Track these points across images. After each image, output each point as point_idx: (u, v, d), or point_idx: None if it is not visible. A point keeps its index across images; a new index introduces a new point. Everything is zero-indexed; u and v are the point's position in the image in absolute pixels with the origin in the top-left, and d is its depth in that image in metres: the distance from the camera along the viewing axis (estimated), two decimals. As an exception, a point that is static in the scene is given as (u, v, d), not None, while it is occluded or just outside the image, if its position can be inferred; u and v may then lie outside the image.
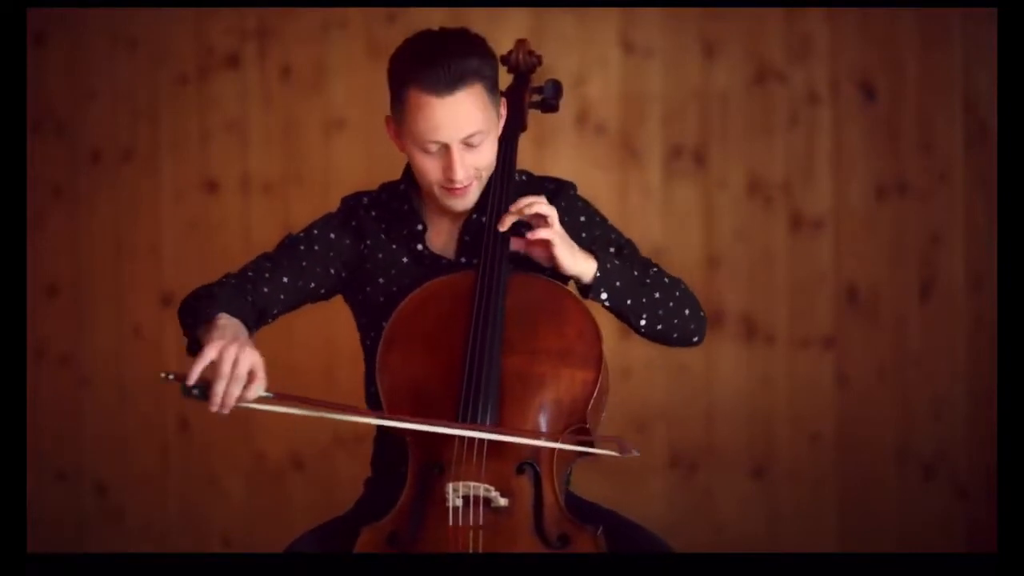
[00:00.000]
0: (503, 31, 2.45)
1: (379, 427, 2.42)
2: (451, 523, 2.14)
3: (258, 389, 2.08)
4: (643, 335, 2.37)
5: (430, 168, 2.30)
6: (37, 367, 4.06)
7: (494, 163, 2.35)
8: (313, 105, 3.93)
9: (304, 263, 2.37)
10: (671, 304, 2.35)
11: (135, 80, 4.03)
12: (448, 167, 2.28)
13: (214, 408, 2.07)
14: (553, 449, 2.19)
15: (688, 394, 3.79)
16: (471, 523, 2.14)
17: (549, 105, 2.57)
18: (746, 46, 3.75)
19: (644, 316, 2.33)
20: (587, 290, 2.30)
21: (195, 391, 2.07)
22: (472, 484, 2.14)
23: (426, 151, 2.29)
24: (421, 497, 2.18)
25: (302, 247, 2.38)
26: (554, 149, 3.79)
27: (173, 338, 4.02)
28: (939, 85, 3.66)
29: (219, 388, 2.06)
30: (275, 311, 2.34)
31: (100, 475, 4.08)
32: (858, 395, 3.72)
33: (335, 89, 3.92)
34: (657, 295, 2.34)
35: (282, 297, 2.34)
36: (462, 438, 2.17)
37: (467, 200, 2.34)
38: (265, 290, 2.32)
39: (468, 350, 2.21)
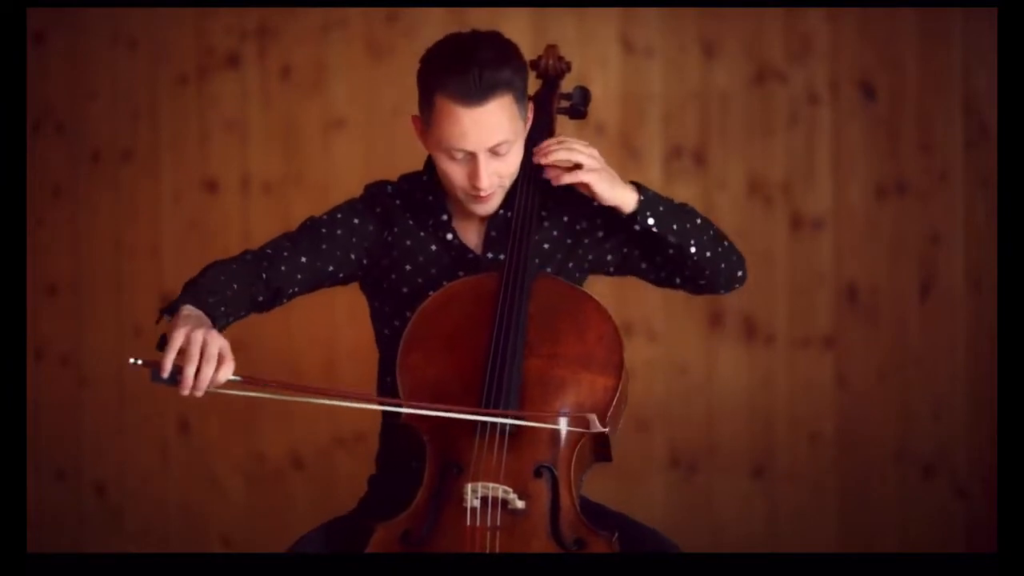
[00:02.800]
0: (503, 31, 2.45)
1: (387, 423, 2.42)
2: (468, 523, 2.14)
3: (227, 372, 2.08)
4: (692, 271, 2.38)
5: (456, 174, 2.30)
6: (37, 367, 4.06)
7: (518, 169, 2.36)
8: (313, 105, 3.93)
9: (324, 245, 2.36)
10: (712, 232, 2.39)
11: (135, 80, 4.03)
12: (474, 175, 2.28)
13: (185, 391, 2.07)
14: (571, 453, 2.19)
15: (688, 394, 3.79)
16: (488, 524, 2.14)
17: (577, 111, 2.57)
18: (746, 46, 3.75)
19: (694, 241, 2.35)
20: (632, 219, 2.31)
21: (164, 376, 2.07)
22: (491, 485, 2.14)
23: (452, 158, 2.29)
24: (437, 496, 2.18)
25: (324, 229, 2.37)
26: (554, 149, 3.78)
27: (173, 338, 4.03)
28: (939, 85, 3.66)
29: (189, 371, 2.05)
30: (291, 290, 2.33)
31: (100, 475, 4.09)
32: (858, 395, 3.72)
33: (335, 89, 3.92)
34: (699, 221, 2.37)
35: (299, 276, 2.33)
36: (482, 439, 2.17)
37: (490, 206, 2.34)
38: (283, 268, 2.31)
39: (490, 353, 2.22)
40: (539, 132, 2.44)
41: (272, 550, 2.41)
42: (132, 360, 2.08)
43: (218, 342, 2.07)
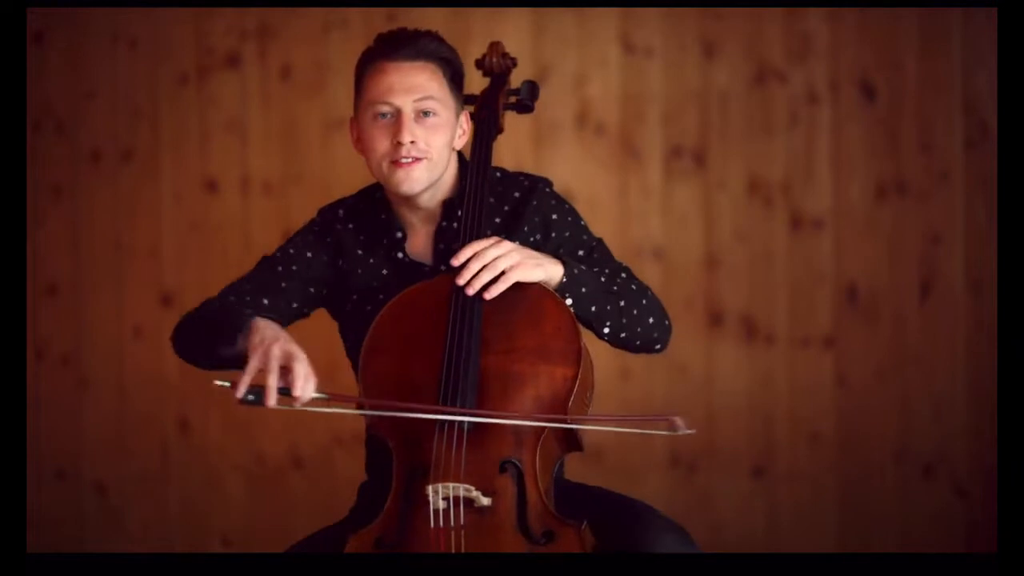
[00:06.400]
0: (503, 31, 2.46)
1: (368, 431, 2.42)
2: (432, 525, 2.14)
3: (310, 384, 2.12)
4: (606, 341, 2.37)
5: (379, 140, 2.33)
6: (37, 367, 4.06)
7: (446, 154, 2.36)
8: (313, 105, 3.93)
9: (284, 284, 2.40)
10: (635, 312, 2.35)
11: (135, 80, 4.03)
12: (398, 131, 2.31)
13: (270, 404, 2.11)
14: (535, 444, 2.19)
15: (688, 394, 3.78)
16: (452, 524, 2.14)
17: (524, 106, 2.58)
18: (746, 46, 3.75)
19: (608, 323, 2.33)
20: None
21: (250, 397, 2.11)
22: (451, 485, 2.14)
23: (378, 118, 2.32)
24: (406, 500, 2.18)
25: (279, 268, 2.41)
26: (554, 149, 3.79)
27: (173, 338, 4.03)
28: (939, 85, 3.66)
29: (272, 382, 2.10)
30: None
31: (100, 475, 4.08)
32: (858, 395, 3.72)
33: (335, 89, 3.92)
34: (622, 303, 2.34)
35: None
36: (440, 439, 2.17)
37: (412, 178, 2.34)
38: (248, 312, 2.33)
39: (445, 351, 2.22)
40: (486, 130, 2.44)
41: (272, 550, 2.41)
42: (217, 382, 2.12)
43: (294, 356, 2.12)
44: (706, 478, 3.79)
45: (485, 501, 2.14)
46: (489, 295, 2.25)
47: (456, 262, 2.26)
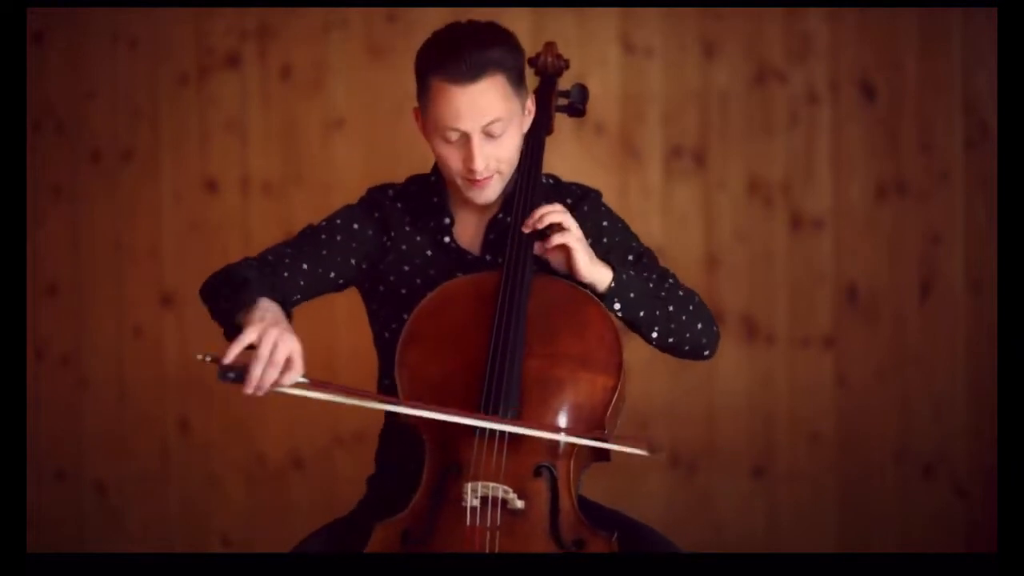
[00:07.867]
0: (503, 31, 2.48)
1: (388, 422, 2.42)
2: (468, 523, 2.14)
3: (294, 376, 2.09)
4: (654, 346, 2.37)
5: (451, 158, 2.30)
6: (37, 367, 4.06)
7: (516, 158, 2.35)
8: (313, 105, 3.93)
9: (324, 252, 2.37)
10: (684, 318, 2.36)
11: (135, 80, 4.03)
12: (468, 157, 2.29)
13: (248, 391, 2.08)
14: (571, 453, 2.19)
15: (688, 394, 3.79)
16: (488, 524, 2.14)
17: (575, 109, 2.58)
18: (746, 46, 3.75)
19: (656, 328, 2.34)
20: (600, 300, 2.30)
21: (231, 374, 2.08)
22: (491, 485, 2.14)
23: (447, 140, 2.29)
24: (437, 496, 2.18)
25: (323, 236, 2.38)
26: (554, 149, 3.76)
27: (173, 338, 4.04)
28: (939, 85, 3.66)
29: (256, 371, 2.07)
30: (294, 298, 2.34)
31: (100, 475, 4.08)
32: (858, 395, 3.72)
33: (335, 89, 3.92)
34: (671, 308, 2.34)
35: (301, 283, 2.35)
36: (481, 439, 2.16)
37: (487, 193, 2.33)
38: (285, 275, 2.33)
39: (490, 350, 2.21)
40: (538, 130, 2.44)
41: (272, 550, 2.41)
42: (200, 356, 2.09)
43: (289, 346, 2.09)
44: (706, 478, 3.79)
45: (519, 504, 2.14)
46: (538, 248, 2.27)
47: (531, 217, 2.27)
